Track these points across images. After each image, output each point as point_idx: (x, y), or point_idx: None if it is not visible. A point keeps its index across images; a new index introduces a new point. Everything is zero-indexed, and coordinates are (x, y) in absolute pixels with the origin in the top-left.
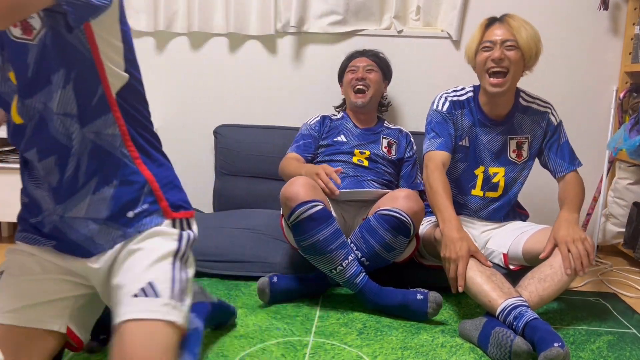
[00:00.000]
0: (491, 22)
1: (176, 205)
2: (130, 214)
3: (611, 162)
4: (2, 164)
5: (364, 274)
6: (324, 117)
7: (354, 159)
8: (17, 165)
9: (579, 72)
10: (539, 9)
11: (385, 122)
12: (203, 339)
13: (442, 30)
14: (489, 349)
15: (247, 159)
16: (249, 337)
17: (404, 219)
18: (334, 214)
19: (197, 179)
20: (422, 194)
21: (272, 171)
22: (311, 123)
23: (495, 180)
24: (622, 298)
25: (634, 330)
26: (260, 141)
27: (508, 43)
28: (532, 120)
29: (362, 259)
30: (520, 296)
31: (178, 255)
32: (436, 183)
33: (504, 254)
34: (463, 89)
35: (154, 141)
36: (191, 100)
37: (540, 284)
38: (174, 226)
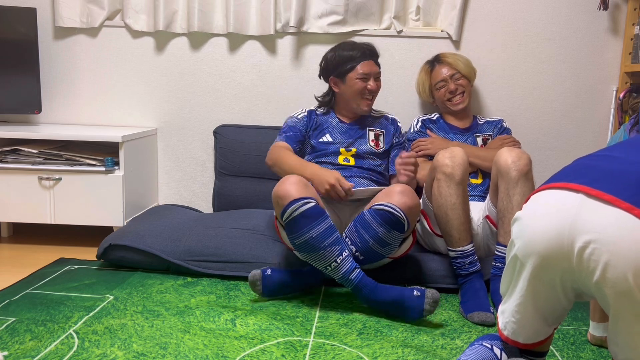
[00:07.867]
0: (432, 65)
1: None
2: None
3: None
4: (2, 164)
5: (358, 269)
6: (310, 112)
7: (340, 159)
8: (17, 165)
9: (579, 72)
10: (539, 9)
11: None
12: None
13: (442, 31)
14: None
15: (247, 159)
16: (249, 337)
17: (398, 214)
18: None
19: (197, 179)
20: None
21: (272, 171)
22: (298, 117)
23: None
24: None
25: None
26: (260, 141)
27: (456, 76)
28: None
29: (357, 253)
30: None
31: None
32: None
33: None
34: (432, 113)
35: None
36: (191, 101)
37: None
38: None
